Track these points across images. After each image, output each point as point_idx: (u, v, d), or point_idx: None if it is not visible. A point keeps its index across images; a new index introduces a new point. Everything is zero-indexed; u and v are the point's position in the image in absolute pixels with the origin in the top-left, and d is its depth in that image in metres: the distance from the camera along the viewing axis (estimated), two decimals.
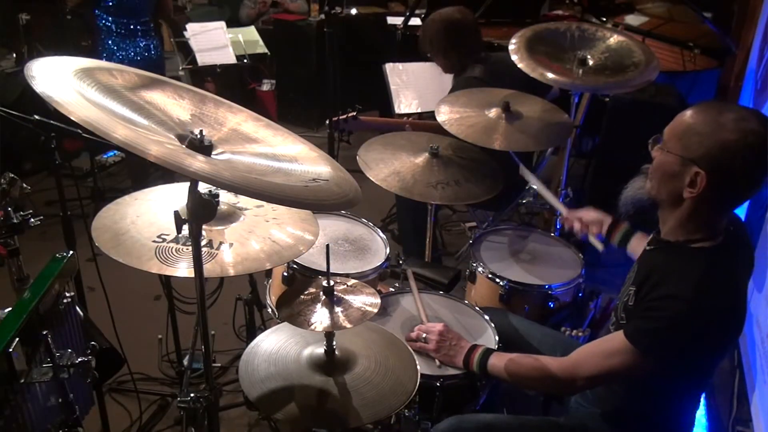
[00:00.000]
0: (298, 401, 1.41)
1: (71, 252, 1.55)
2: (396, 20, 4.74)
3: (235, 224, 1.51)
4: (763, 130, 1.28)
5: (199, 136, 1.14)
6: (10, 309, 1.34)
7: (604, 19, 4.06)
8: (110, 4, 3.48)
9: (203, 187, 1.12)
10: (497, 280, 2.08)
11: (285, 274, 1.96)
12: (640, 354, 1.38)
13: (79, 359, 1.32)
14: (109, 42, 3.56)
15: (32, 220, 1.67)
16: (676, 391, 1.52)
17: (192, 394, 1.39)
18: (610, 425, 1.61)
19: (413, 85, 3.37)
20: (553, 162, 3.52)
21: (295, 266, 1.95)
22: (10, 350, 1.21)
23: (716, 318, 1.36)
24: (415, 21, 4.64)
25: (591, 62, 2.52)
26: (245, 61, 4.50)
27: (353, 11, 5.27)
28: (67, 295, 1.51)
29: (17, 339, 1.23)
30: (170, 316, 2.43)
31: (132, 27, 3.58)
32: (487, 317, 1.89)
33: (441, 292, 2.02)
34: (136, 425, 2.34)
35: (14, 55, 4.08)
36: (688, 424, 1.60)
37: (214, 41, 4.34)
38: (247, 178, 1.10)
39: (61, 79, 1.05)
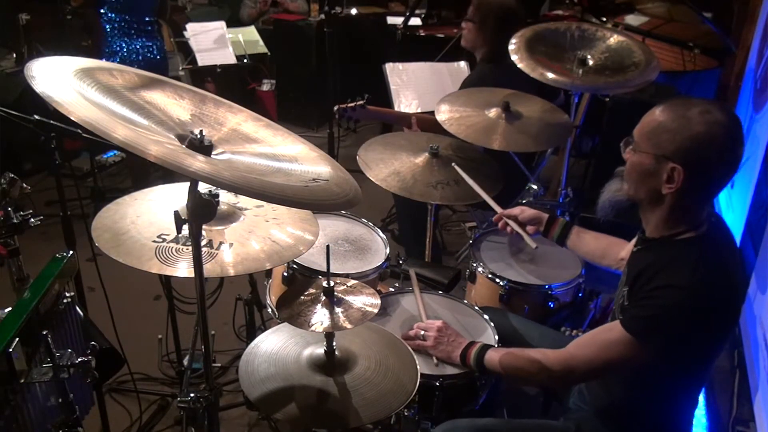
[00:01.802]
0: (298, 401, 1.41)
1: (71, 252, 1.55)
2: (396, 20, 4.75)
3: (235, 224, 1.51)
4: (727, 119, 1.35)
5: (199, 136, 1.14)
6: (10, 309, 1.34)
7: (604, 19, 4.06)
8: None
9: (203, 187, 1.12)
10: (497, 280, 2.08)
11: (285, 274, 1.96)
12: (638, 343, 1.38)
13: (79, 359, 1.31)
14: (113, 41, 3.56)
15: (32, 220, 1.67)
16: (674, 389, 1.52)
17: (192, 394, 1.38)
18: (607, 426, 1.61)
19: (413, 85, 3.37)
20: (553, 162, 3.52)
21: (295, 266, 1.95)
22: (10, 350, 1.21)
23: (713, 303, 1.37)
24: (415, 21, 4.64)
25: (591, 62, 2.52)
26: (245, 61, 4.50)
27: (353, 11, 5.27)
28: (67, 295, 1.51)
29: (17, 339, 1.23)
30: (170, 316, 2.43)
31: (136, 26, 3.58)
32: (486, 317, 1.89)
33: (441, 292, 2.03)
34: (136, 425, 2.34)
35: (14, 55, 4.08)
36: (687, 423, 1.60)
37: (214, 41, 4.34)
38: (247, 178, 1.10)
39: (61, 79, 1.05)
